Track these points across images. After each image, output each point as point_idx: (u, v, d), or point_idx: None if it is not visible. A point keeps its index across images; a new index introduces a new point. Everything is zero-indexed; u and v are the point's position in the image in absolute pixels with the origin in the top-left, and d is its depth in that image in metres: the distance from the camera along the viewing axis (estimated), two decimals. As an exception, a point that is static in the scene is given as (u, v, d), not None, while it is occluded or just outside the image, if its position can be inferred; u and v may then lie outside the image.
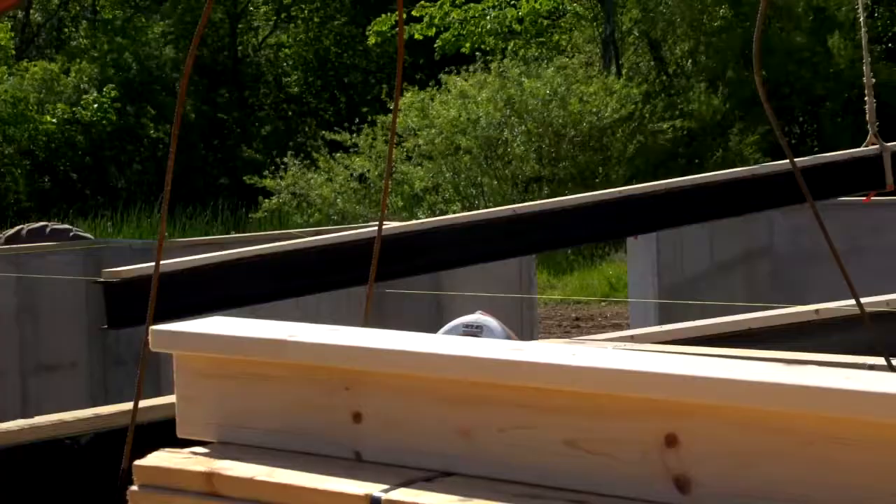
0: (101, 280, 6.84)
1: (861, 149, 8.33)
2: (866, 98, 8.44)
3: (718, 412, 2.08)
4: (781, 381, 2.03)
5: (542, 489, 2.21)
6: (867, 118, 8.37)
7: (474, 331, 4.40)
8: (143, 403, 3.18)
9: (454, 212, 21.16)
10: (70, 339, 10.60)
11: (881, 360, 3.74)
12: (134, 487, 2.50)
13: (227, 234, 23.25)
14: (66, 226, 12.86)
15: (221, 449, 2.55)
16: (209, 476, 2.42)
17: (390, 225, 7.77)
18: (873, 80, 8.62)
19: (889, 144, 8.21)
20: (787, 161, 3.61)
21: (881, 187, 8.35)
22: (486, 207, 18.37)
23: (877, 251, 11.25)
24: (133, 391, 3.10)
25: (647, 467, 2.15)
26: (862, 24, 9.05)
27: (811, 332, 5.32)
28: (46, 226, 12.22)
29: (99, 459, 3.99)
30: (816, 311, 5.43)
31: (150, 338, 2.65)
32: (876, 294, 5.56)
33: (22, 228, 12.03)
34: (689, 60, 29.20)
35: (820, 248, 3.64)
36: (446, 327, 4.44)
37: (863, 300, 3.67)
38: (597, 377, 2.18)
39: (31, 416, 4.24)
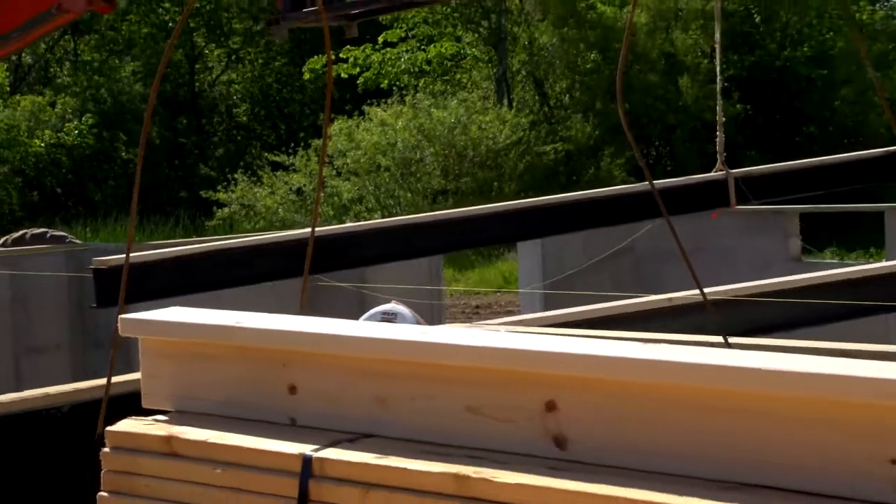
0: (93, 267, 6.75)
1: (711, 174, 8.44)
2: (718, 133, 8.54)
3: (589, 382, 2.09)
4: (638, 357, 2.04)
5: (448, 448, 2.20)
6: (717, 149, 8.48)
7: (390, 317, 4.38)
8: (114, 379, 3.14)
9: (375, 219, 21.08)
10: (55, 326, 10.45)
11: (720, 339, 3.78)
12: (106, 449, 2.47)
13: (186, 238, 22.99)
14: (63, 233, 12.64)
15: (179, 417, 2.52)
16: (168, 439, 2.39)
17: (322, 228, 7.75)
18: (723, 119, 8.73)
19: (733, 171, 8.33)
20: (653, 182, 3.64)
21: (726, 205, 8.47)
22: (402, 215, 18.37)
23: (717, 251, 11.37)
24: (108, 369, 3.06)
25: (531, 429, 2.15)
26: (718, 73, 9.17)
27: (664, 316, 5.35)
28: (47, 231, 12.02)
29: (77, 426, 3.93)
30: (669, 299, 5.46)
31: (119, 325, 2.62)
32: (716, 285, 5.62)
33: (26, 233, 11.82)
34: (567, 95, 29.35)
35: (673, 248, 3.67)
36: (366, 315, 4.41)
37: (705, 290, 3.71)
38: (490, 354, 2.18)
39: (21, 390, 4.17)
